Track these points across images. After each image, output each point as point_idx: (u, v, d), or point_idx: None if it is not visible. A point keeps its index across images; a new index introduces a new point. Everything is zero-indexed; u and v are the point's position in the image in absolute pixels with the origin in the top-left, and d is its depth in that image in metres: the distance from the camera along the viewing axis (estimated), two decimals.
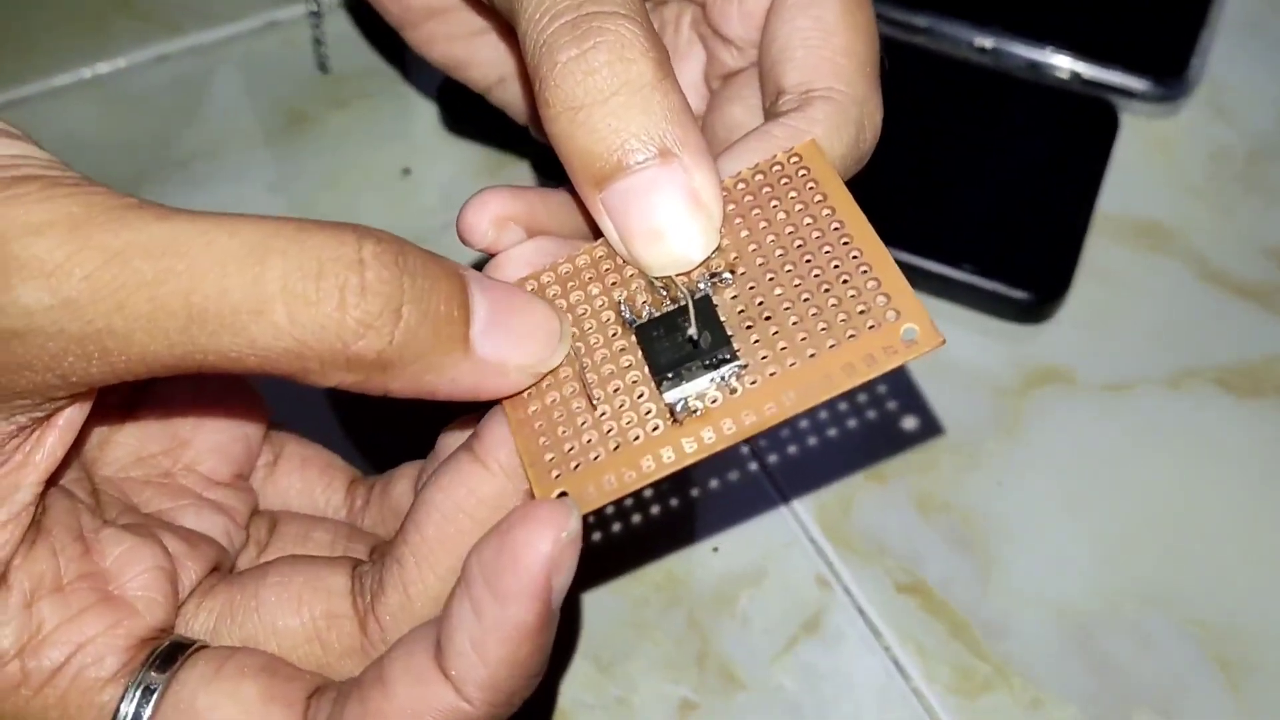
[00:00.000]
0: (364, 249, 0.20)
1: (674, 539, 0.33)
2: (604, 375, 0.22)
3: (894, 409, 0.36)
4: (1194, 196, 0.40)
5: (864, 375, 0.21)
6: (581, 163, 0.22)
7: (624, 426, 0.22)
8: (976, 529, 0.34)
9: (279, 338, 0.19)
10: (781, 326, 0.22)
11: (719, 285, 0.22)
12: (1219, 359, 0.37)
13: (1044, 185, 0.39)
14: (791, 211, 0.23)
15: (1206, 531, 0.34)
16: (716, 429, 0.21)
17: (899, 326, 0.21)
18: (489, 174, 0.41)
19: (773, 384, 0.21)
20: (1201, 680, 0.31)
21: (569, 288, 0.23)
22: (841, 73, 0.25)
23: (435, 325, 0.20)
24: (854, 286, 0.22)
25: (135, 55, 0.44)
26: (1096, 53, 0.42)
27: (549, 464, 0.22)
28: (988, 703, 0.31)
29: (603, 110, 0.22)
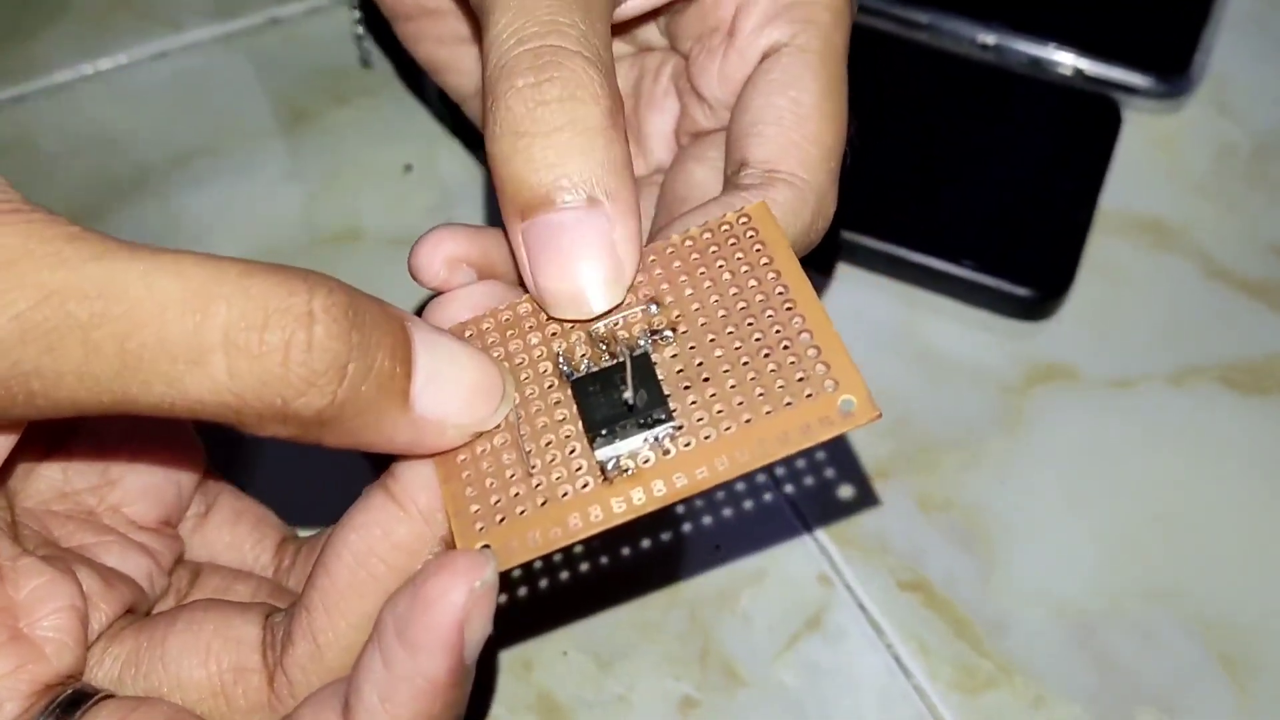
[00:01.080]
0: (314, 301, 0.19)
1: (676, 537, 0.33)
2: (537, 428, 0.22)
3: (898, 404, 0.35)
4: (1197, 193, 0.40)
5: (798, 445, 0.21)
6: (513, 189, 0.22)
7: (553, 482, 0.21)
8: (979, 526, 0.34)
9: (216, 391, 0.19)
10: (720, 390, 0.21)
11: (659, 343, 0.22)
12: (1223, 356, 0.37)
13: (1047, 182, 0.39)
14: (737, 272, 0.23)
15: (1210, 529, 0.34)
16: (647, 490, 0.21)
17: (837, 398, 0.21)
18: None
19: (707, 448, 0.21)
20: (1205, 678, 0.31)
21: (508, 335, 0.23)
22: (807, 160, 0.25)
23: (378, 383, 0.20)
24: (794, 353, 0.21)
25: (137, 52, 0.44)
26: (1099, 49, 0.42)
27: (474, 515, 0.21)
28: (990, 701, 0.31)
29: (544, 143, 0.22)
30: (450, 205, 0.40)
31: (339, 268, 0.38)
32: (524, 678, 0.31)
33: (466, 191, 0.41)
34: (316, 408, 0.19)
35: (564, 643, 0.32)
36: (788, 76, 0.26)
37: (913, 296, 0.38)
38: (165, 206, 0.40)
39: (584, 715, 0.31)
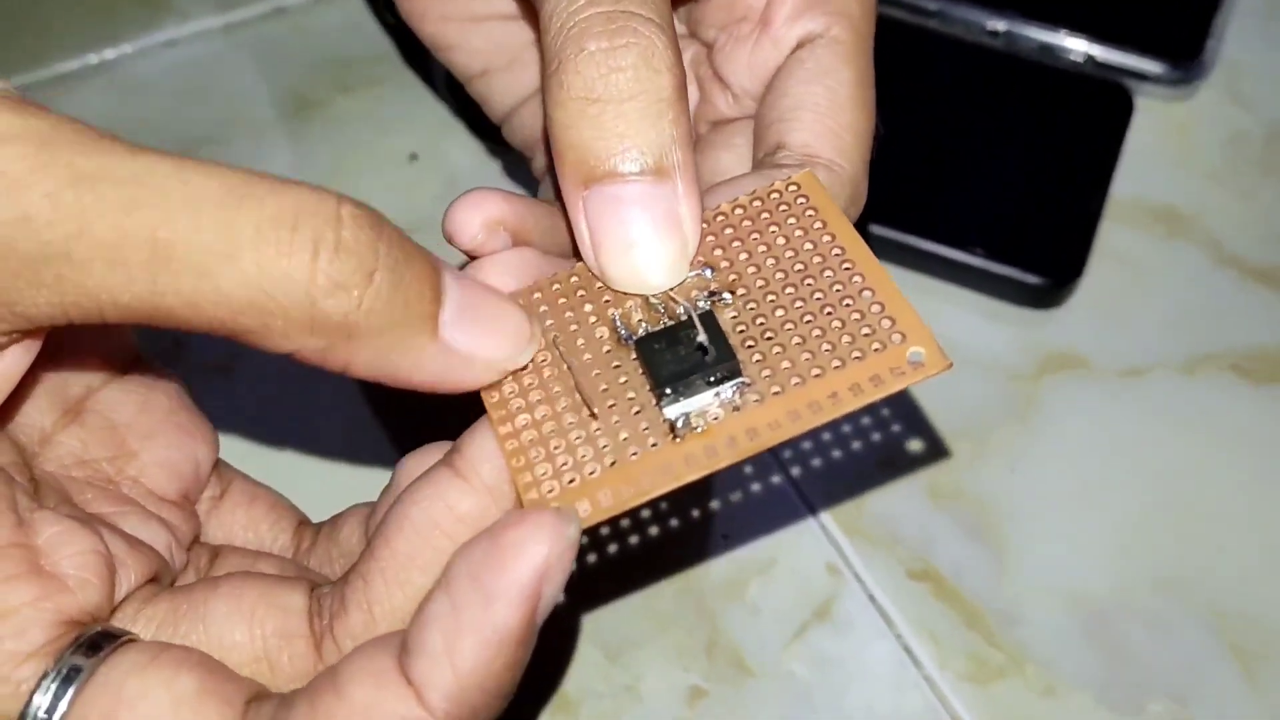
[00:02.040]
0: (343, 208, 0.19)
1: (684, 526, 0.33)
2: (598, 390, 0.21)
3: (907, 396, 0.35)
4: (1210, 181, 0.40)
5: (870, 396, 0.21)
6: (577, 156, 0.22)
7: (620, 442, 0.21)
8: (989, 516, 0.33)
9: (245, 286, 0.18)
10: (785, 346, 0.21)
11: (718, 305, 0.22)
12: (1235, 345, 0.36)
13: (1058, 170, 0.39)
14: (791, 236, 0.23)
15: (1222, 518, 0.33)
16: (718, 446, 0.21)
17: (905, 349, 0.21)
18: (496, 160, 0.41)
19: (776, 402, 0.21)
20: (1217, 668, 0.31)
21: (560, 305, 0.23)
22: (844, 148, 0.25)
23: (406, 299, 0.20)
24: (857, 309, 0.21)
25: (142, 41, 0.44)
26: (1110, 36, 0.41)
27: (541, 479, 0.21)
28: (1001, 690, 0.31)
29: (615, 110, 0.21)
30: (456, 193, 0.40)
31: None
32: (531, 668, 0.31)
33: (472, 180, 0.40)
34: (344, 310, 0.19)
35: (572, 633, 0.31)
36: (823, 66, 0.26)
37: (923, 284, 0.37)
38: None
39: (592, 705, 0.30)
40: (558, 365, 0.22)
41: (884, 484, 0.34)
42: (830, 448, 0.34)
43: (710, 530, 0.33)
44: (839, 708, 0.30)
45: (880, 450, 0.34)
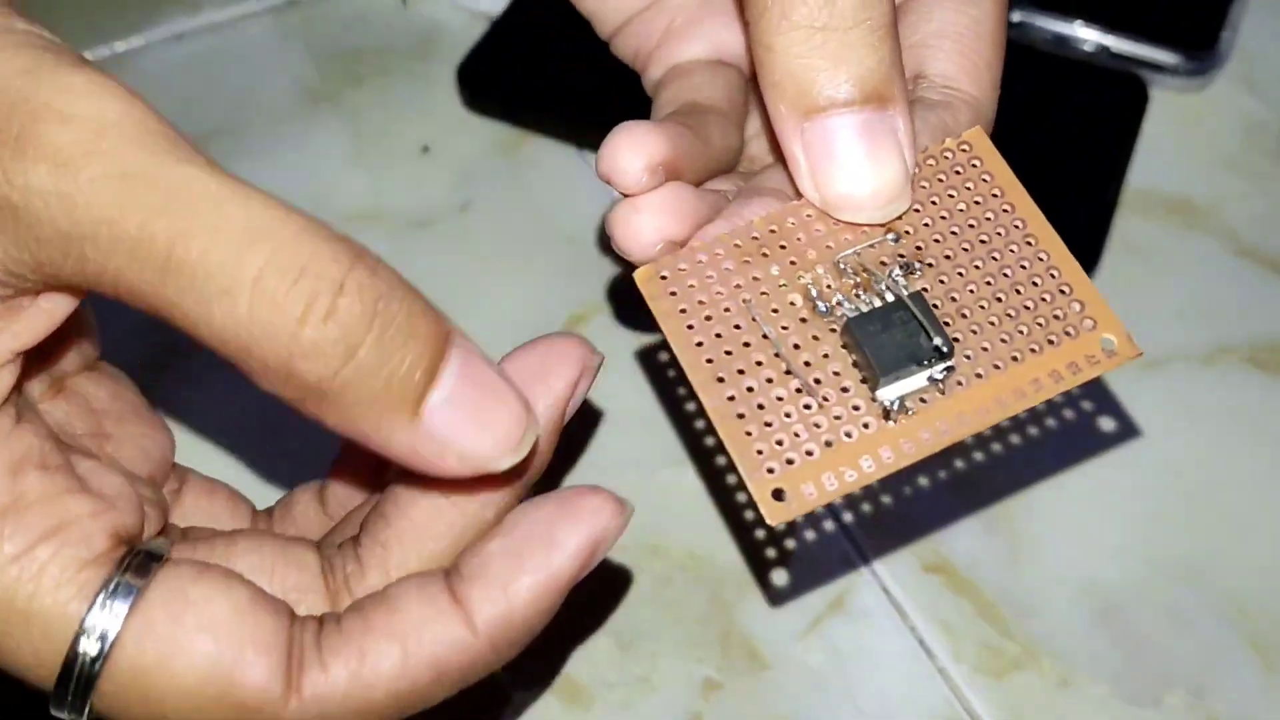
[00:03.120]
0: (352, 274, 0.19)
1: (697, 516, 0.33)
2: (800, 365, 0.21)
3: None
4: (1226, 171, 0.40)
5: (1069, 383, 0.21)
6: (799, 88, 0.21)
7: (834, 422, 0.21)
8: (1004, 508, 0.33)
9: (234, 323, 0.19)
10: (981, 327, 0.21)
11: (911, 277, 0.22)
12: (1252, 336, 0.36)
13: (1072, 161, 0.39)
14: (970, 205, 0.22)
15: (1239, 510, 0.33)
16: (933, 430, 0.20)
17: (1097, 335, 0.21)
18: (509, 151, 0.41)
19: (982, 387, 0.21)
20: (1234, 660, 0.31)
21: (744, 265, 0.22)
22: (983, 83, 0.25)
23: (390, 377, 0.19)
24: (1045, 290, 0.21)
25: (153, 33, 0.44)
26: (1125, 26, 0.41)
27: (760, 458, 0.20)
28: (1016, 682, 0.30)
29: (840, 39, 0.21)
30: (468, 185, 0.40)
31: None
32: (544, 658, 0.31)
33: (485, 172, 0.40)
34: (318, 375, 0.19)
35: (585, 623, 0.31)
36: None
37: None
38: None
39: (605, 696, 0.30)
40: (755, 334, 0.21)
41: (899, 476, 0.34)
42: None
43: (724, 520, 0.33)
44: (853, 700, 0.30)
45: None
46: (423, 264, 0.38)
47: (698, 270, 0.22)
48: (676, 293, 0.22)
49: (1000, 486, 0.34)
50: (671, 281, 0.22)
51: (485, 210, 0.39)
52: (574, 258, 0.38)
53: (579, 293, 0.37)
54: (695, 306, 0.21)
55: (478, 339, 0.21)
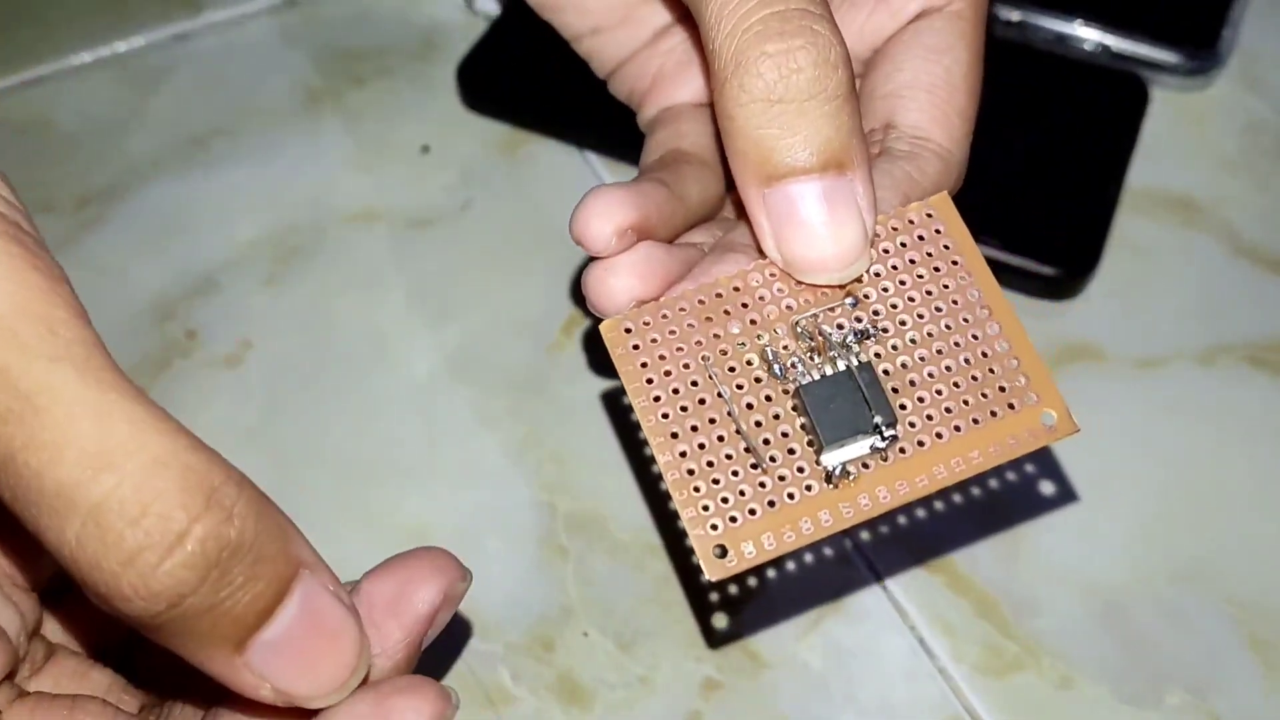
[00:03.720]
0: (197, 525, 0.18)
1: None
2: (751, 425, 0.22)
3: None
4: (1226, 170, 0.40)
5: (1007, 456, 0.21)
6: (760, 156, 0.22)
7: (778, 483, 0.21)
8: (1004, 507, 0.33)
9: (60, 545, 0.18)
10: (929, 396, 0.22)
11: (865, 343, 0.22)
12: (1252, 335, 0.36)
13: (1073, 160, 0.39)
14: (929, 271, 0.23)
15: (1239, 509, 0.33)
16: (871, 496, 0.21)
17: (1039, 410, 0.22)
18: (508, 151, 0.41)
19: (923, 456, 0.22)
20: (1235, 660, 0.31)
21: (706, 320, 0.23)
22: (954, 134, 0.25)
23: (215, 620, 0.19)
24: (995, 362, 0.22)
25: (154, 33, 0.44)
26: (1125, 25, 0.41)
27: (705, 515, 0.21)
28: (1016, 682, 0.30)
29: (797, 109, 0.22)
30: (468, 186, 0.40)
31: (356, 249, 0.38)
32: (544, 658, 0.31)
33: (483, 172, 0.40)
34: (134, 615, 0.19)
35: (585, 623, 0.31)
36: (943, 42, 0.26)
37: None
38: (183, 188, 0.40)
39: (605, 696, 0.30)
40: (710, 391, 0.22)
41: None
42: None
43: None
44: (853, 700, 0.30)
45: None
46: (423, 263, 0.38)
47: (661, 326, 0.22)
48: (639, 346, 0.22)
49: (1001, 487, 0.33)
50: (635, 335, 0.22)
51: (485, 210, 0.39)
52: (573, 258, 0.38)
53: (578, 292, 0.37)
54: (656, 361, 0.22)
55: (477, 338, 0.21)
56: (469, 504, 0.33)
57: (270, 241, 0.39)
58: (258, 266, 0.38)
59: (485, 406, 0.35)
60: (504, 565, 0.32)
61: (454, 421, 0.35)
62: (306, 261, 0.38)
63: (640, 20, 0.29)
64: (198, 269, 0.38)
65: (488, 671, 0.31)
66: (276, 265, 0.38)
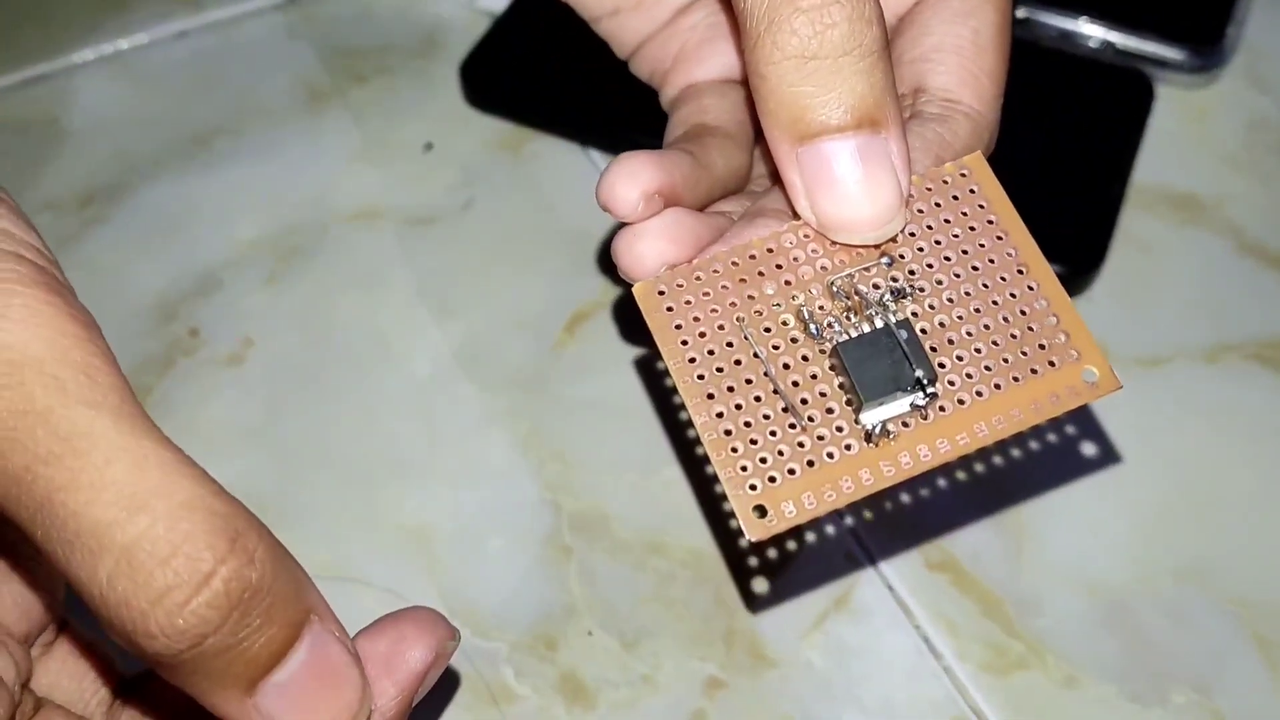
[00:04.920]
0: (225, 565, 0.19)
1: (700, 514, 0.33)
2: (789, 385, 0.21)
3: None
4: (1231, 167, 0.40)
5: (1049, 413, 0.21)
6: (793, 114, 0.22)
7: (817, 443, 0.21)
8: (1009, 505, 0.33)
9: (89, 583, 0.19)
10: (968, 355, 0.22)
11: (902, 302, 0.22)
12: (1257, 333, 0.36)
13: (1078, 157, 0.39)
14: (965, 231, 0.23)
15: (1244, 508, 0.33)
16: (913, 455, 0.21)
17: (1080, 367, 0.21)
18: (511, 148, 0.41)
19: (964, 414, 0.21)
20: (1240, 659, 0.31)
21: (740, 282, 0.22)
22: (984, 94, 0.25)
23: (231, 662, 0.19)
24: (1033, 320, 0.22)
25: (157, 31, 0.44)
26: (1130, 22, 0.41)
27: (744, 475, 0.21)
28: (1021, 681, 0.30)
29: (832, 66, 0.21)
30: (471, 183, 0.40)
31: (359, 247, 0.38)
32: (548, 657, 0.31)
33: (486, 170, 0.40)
34: (157, 652, 0.19)
35: (588, 622, 0.31)
36: (969, 5, 0.25)
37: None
38: (185, 186, 0.40)
39: (609, 695, 0.30)
40: (746, 352, 0.22)
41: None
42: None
43: (727, 519, 0.33)
44: (857, 698, 0.30)
45: None
46: (425, 262, 0.38)
47: (694, 287, 0.22)
48: (673, 308, 0.22)
49: (1005, 484, 0.33)
50: (669, 297, 0.22)
51: (488, 207, 0.39)
52: (577, 254, 0.38)
53: (581, 290, 0.37)
54: (690, 323, 0.22)
55: (480, 337, 0.21)
56: (472, 503, 0.33)
57: (272, 240, 0.39)
58: (260, 265, 0.38)
59: (488, 405, 0.35)
60: (507, 564, 0.32)
61: (457, 420, 0.35)
62: (309, 260, 0.38)
63: (654, 1, 0.29)
64: (200, 267, 0.38)
65: (491, 670, 0.31)
66: (279, 263, 0.38)
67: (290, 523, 0.33)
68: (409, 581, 0.32)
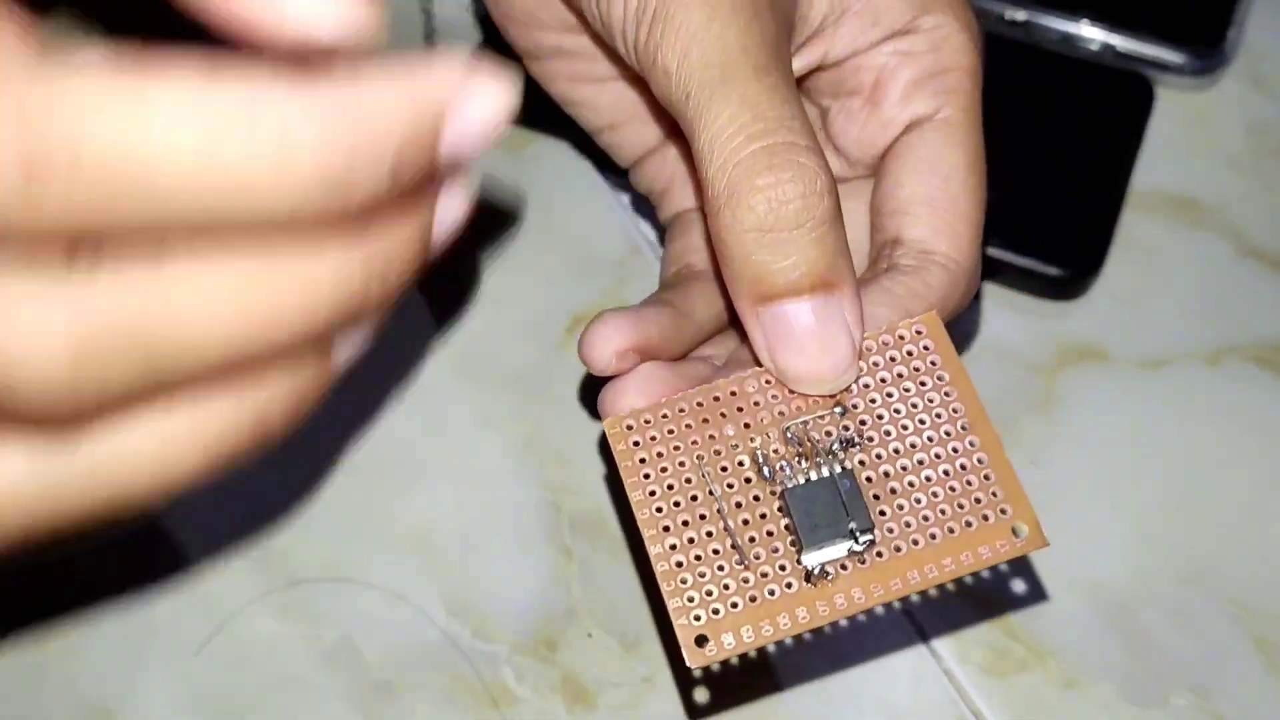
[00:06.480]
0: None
1: None
2: (739, 523, 0.23)
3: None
4: (1232, 170, 0.40)
5: (976, 566, 0.23)
6: (753, 279, 0.24)
7: (760, 579, 0.23)
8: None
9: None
10: (908, 504, 0.23)
11: (849, 450, 0.24)
12: (1258, 336, 0.36)
13: (1078, 160, 0.39)
14: (915, 386, 0.24)
15: (1244, 510, 0.33)
16: (847, 596, 0.23)
17: (1010, 524, 0.23)
18: (517, 150, 0.41)
19: (899, 561, 0.23)
20: (1240, 661, 0.31)
21: (703, 423, 0.24)
22: (959, 241, 0.26)
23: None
24: (971, 475, 0.24)
25: None
26: (1130, 25, 0.41)
27: (689, 606, 0.23)
28: (1021, 683, 0.30)
29: (786, 238, 0.23)
30: (472, 184, 0.40)
31: None
32: (548, 658, 0.31)
33: (489, 171, 0.40)
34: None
35: (588, 623, 0.31)
36: (935, 154, 0.27)
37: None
38: None
39: (609, 696, 0.30)
40: (703, 489, 0.24)
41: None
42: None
43: None
44: (857, 701, 0.30)
45: None
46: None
47: (661, 425, 0.24)
48: (639, 443, 0.24)
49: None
50: (636, 432, 0.24)
51: (489, 209, 0.39)
52: (578, 257, 0.38)
53: (582, 291, 0.37)
54: (654, 459, 0.24)
55: (481, 338, 0.21)
56: (473, 504, 0.33)
57: None
58: None
59: (489, 406, 0.35)
60: (508, 565, 0.32)
61: (458, 421, 0.35)
62: None
63: (648, 119, 0.30)
64: None
65: (491, 672, 0.31)
66: None
67: (291, 523, 0.33)
68: (410, 582, 0.32)
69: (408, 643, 0.31)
